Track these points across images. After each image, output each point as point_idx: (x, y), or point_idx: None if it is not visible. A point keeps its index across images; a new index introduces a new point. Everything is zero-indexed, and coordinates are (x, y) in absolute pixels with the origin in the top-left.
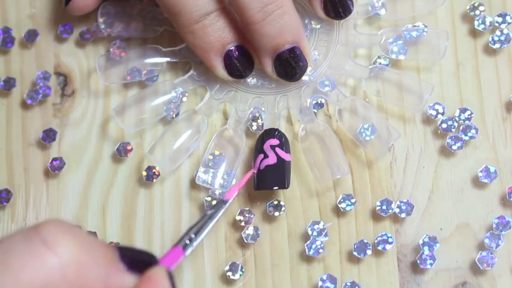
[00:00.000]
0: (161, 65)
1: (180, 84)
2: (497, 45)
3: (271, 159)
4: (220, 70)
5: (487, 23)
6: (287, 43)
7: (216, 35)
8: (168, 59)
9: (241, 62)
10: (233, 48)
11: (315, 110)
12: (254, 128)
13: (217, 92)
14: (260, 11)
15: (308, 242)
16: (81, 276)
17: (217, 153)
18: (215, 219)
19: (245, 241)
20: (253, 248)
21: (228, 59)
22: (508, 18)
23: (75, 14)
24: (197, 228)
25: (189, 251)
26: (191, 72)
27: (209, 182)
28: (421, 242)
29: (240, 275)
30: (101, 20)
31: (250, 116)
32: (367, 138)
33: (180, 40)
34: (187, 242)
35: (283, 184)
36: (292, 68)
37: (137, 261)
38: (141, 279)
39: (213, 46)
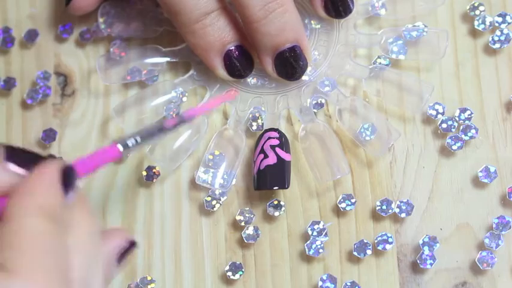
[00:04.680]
0: (161, 65)
1: (180, 84)
2: (497, 45)
3: (271, 159)
4: (220, 70)
5: (487, 23)
6: (288, 42)
7: (216, 34)
8: (168, 59)
9: (241, 62)
10: (233, 48)
11: (315, 110)
12: (254, 128)
13: (217, 92)
14: (261, 9)
15: (308, 242)
16: None
17: (217, 153)
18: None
19: (245, 241)
20: (253, 248)
21: (228, 58)
22: (508, 18)
23: (76, 13)
24: (145, 134)
25: (126, 151)
26: (191, 72)
27: (209, 182)
28: (421, 242)
29: (240, 274)
30: (101, 20)
31: (250, 116)
32: (367, 138)
33: (180, 40)
34: (130, 143)
35: (283, 184)
36: (292, 67)
37: (29, 160)
38: (29, 173)
39: (213, 46)
